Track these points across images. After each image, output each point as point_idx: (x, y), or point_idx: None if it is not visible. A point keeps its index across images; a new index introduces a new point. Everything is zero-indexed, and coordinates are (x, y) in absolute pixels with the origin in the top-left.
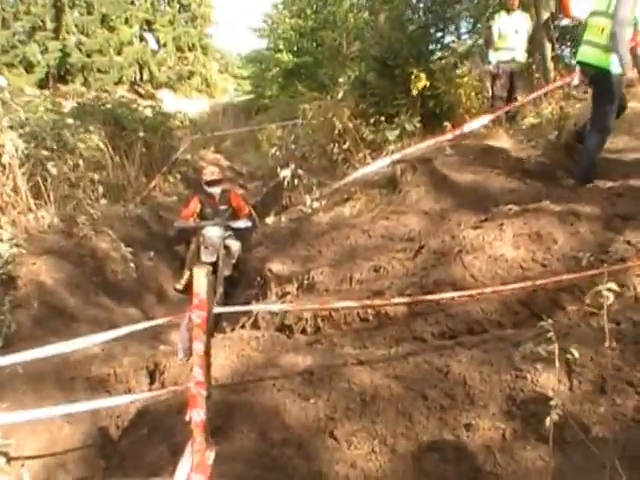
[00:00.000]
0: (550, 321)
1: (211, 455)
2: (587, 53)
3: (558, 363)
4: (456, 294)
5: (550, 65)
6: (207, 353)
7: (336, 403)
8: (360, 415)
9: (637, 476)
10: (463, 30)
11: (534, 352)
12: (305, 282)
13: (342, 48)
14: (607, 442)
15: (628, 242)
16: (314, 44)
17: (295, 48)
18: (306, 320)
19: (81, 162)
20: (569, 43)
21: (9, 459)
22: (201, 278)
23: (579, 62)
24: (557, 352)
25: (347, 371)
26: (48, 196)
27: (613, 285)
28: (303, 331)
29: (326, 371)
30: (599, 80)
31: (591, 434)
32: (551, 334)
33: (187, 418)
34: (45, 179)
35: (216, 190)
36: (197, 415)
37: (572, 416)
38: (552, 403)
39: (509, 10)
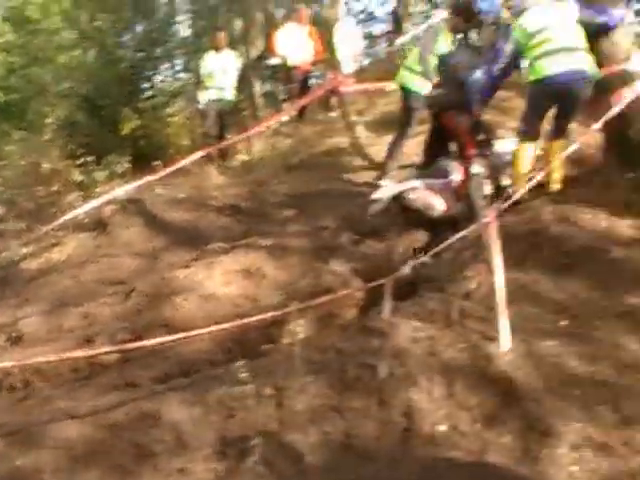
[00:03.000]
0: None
1: None
2: None
3: (265, 399)
4: (166, 339)
5: (259, 102)
6: None
7: (44, 462)
8: (71, 472)
9: None
10: (177, 68)
11: (242, 390)
12: (13, 334)
13: (50, 86)
14: (318, 468)
15: (334, 272)
16: (24, 81)
17: (6, 84)
18: (13, 375)
19: None
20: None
21: None
22: None
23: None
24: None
25: (55, 426)
26: None
27: (302, 322)
28: (11, 388)
29: (34, 428)
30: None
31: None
32: (246, 374)
33: None
34: None
35: None
36: None
37: (281, 445)
38: (255, 442)
39: (217, 49)
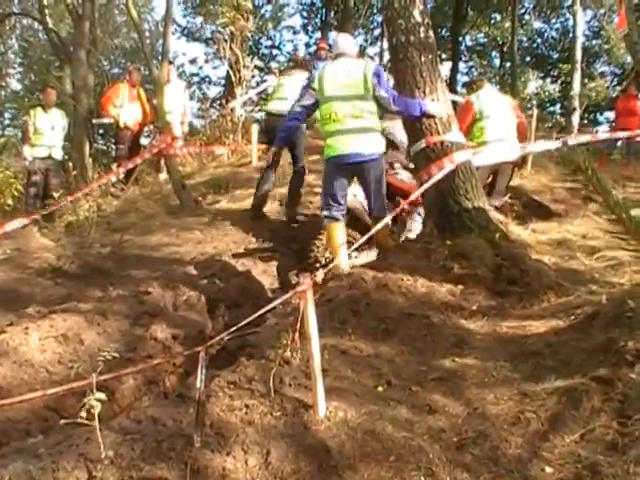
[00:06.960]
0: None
1: None
2: None
3: (75, 472)
4: None
5: (88, 162)
6: None
7: None
8: None
9: None
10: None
11: (51, 463)
12: None
13: None
14: None
15: (155, 339)
16: None
17: None
18: None
19: None
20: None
21: None
22: None
23: None
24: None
25: None
26: None
27: (102, 395)
28: None
29: None
30: None
31: None
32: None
33: None
34: None
35: None
36: None
37: None
38: None
39: (45, 107)
